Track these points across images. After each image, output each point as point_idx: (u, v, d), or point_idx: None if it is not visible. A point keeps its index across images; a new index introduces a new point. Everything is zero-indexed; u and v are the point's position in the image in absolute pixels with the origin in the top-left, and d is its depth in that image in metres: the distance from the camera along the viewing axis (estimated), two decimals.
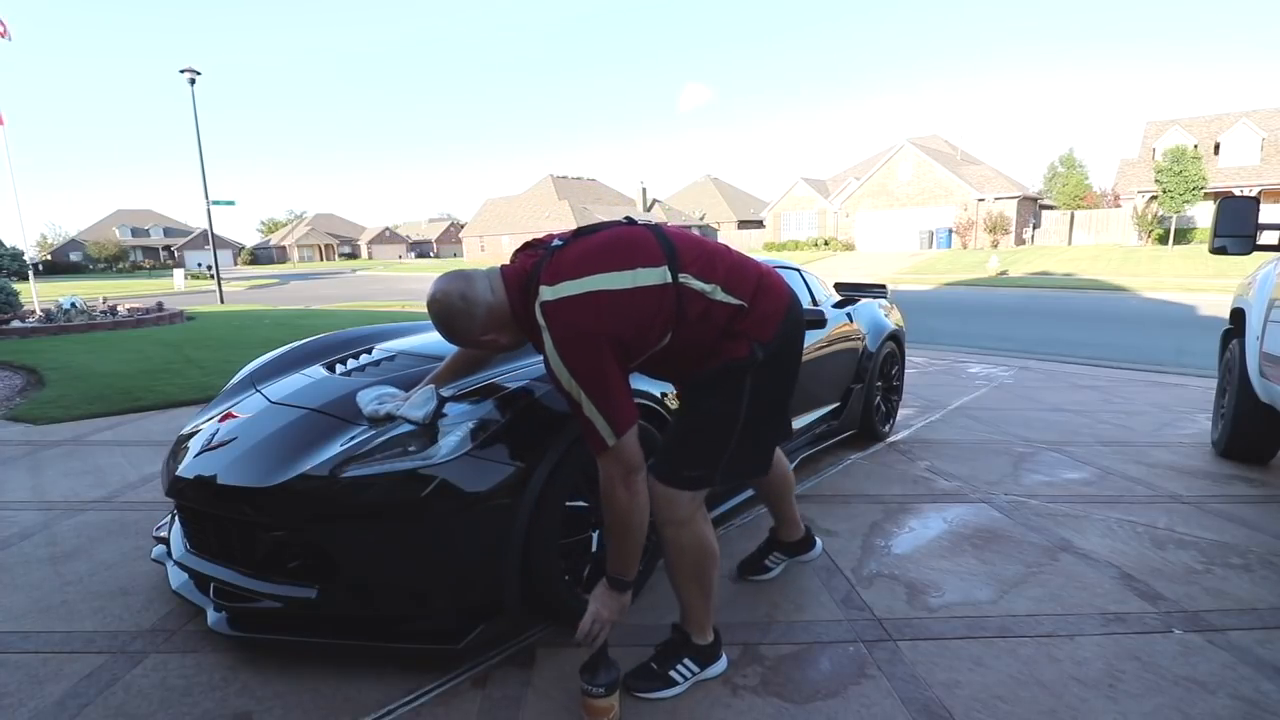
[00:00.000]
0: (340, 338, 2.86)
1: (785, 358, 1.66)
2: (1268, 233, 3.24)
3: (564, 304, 1.41)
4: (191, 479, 1.88)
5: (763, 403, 1.62)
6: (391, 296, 18.92)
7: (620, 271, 1.45)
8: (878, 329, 3.86)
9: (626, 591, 1.59)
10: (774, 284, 1.64)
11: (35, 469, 3.46)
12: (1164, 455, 3.71)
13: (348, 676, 1.72)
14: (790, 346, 1.67)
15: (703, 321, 1.53)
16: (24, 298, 11.32)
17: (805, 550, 2.25)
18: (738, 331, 1.56)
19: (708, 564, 1.66)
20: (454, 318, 1.52)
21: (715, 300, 1.53)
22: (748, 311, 1.56)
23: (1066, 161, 39.45)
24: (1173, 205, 24.67)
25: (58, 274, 48.93)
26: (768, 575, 2.25)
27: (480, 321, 1.52)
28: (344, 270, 45.58)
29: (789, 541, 2.23)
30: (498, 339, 1.56)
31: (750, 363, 1.56)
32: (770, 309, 1.60)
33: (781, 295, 1.64)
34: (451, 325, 1.53)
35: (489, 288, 1.52)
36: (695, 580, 1.66)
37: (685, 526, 1.62)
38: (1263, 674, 1.75)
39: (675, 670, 1.68)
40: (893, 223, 33.84)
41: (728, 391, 1.59)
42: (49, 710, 1.61)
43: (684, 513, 1.61)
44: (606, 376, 1.41)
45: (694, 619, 1.71)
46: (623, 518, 1.50)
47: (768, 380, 1.61)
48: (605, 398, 1.41)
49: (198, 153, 16.42)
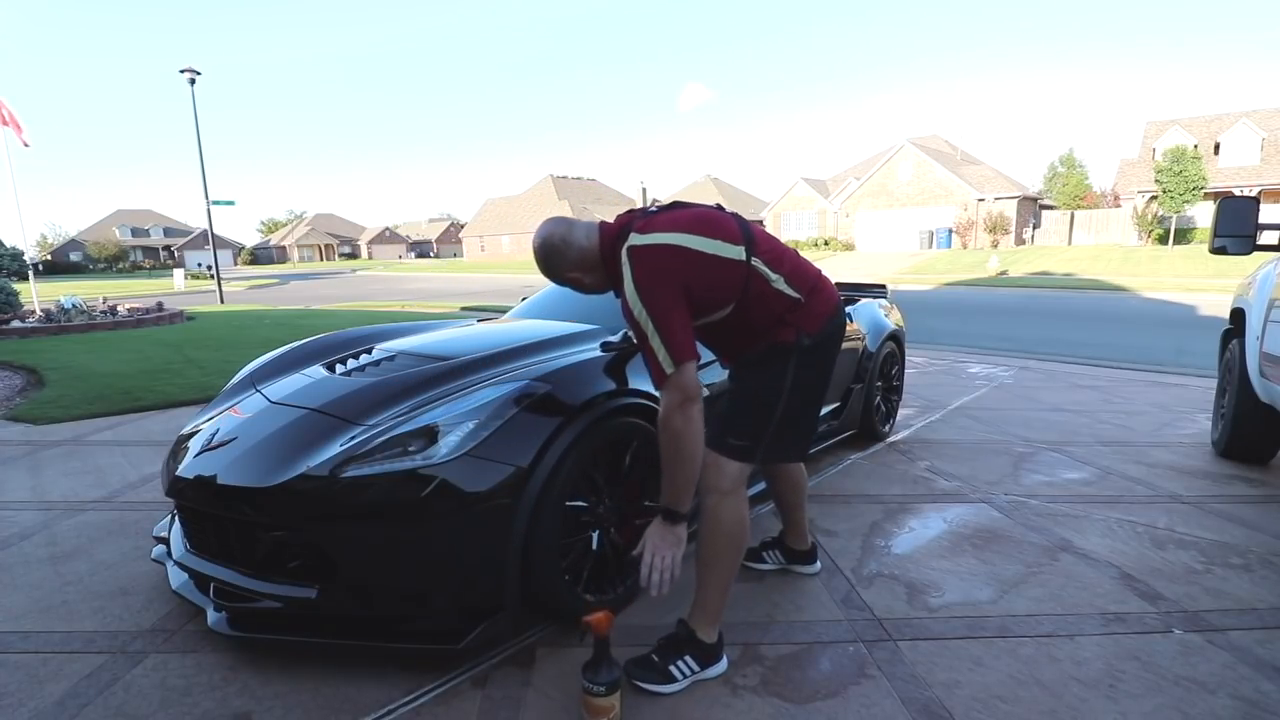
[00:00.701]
0: (340, 338, 2.85)
1: (826, 353, 1.82)
2: (1268, 233, 3.24)
3: (650, 249, 1.61)
4: (191, 479, 1.88)
5: (802, 389, 1.76)
6: (392, 296, 18.92)
7: (705, 238, 1.65)
8: (878, 329, 3.85)
9: (681, 523, 1.64)
10: (826, 287, 1.85)
11: (35, 469, 3.46)
12: (1164, 455, 3.71)
13: (348, 676, 1.72)
14: (831, 344, 1.84)
15: (761, 304, 1.71)
16: (24, 298, 11.32)
17: (804, 562, 2.31)
18: (789, 321, 1.74)
19: (737, 546, 1.74)
20: (551, 254, 1.73)
21: (777, 289, 1.72)
22: (802, 305, 1.75)
23: (1066, 161, 39.45)
24: (1173, 205, 24.68)
25: (58, 274, 48.95)
26: (761, 566, 2.32)
27: (571, 260, 1.73)
28: (344, 270, 45.58)
29: (792, 549, 2.30)
30: (582, 278, 1.76)
31: (795, 348, 1.73)
32: (821, 308, 1.79)
33: (831, 298, 1.84)
34: (548, 259, 1.74)
35: (585, 234, 1.74)
36: (720, 561, 1.73)
37: (728, 497, 1.72)
38: (1263, 674, 1.75)
39: (675, 666, 1.70)
40: (893, 223, 33.85)
41: (774, 370, 1.74)
42: (49, 710, 1.61)
43: (729, 484, 1.72)
44: (672, 312, 1.57)
45: (704, 611, 1.74)
46: (677, 443, 1.57)
47: (809, 369, 1.77)
48: (669, 330, 1.56)
49: (198, 153, 16.43)
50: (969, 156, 38.55)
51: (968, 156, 38.40)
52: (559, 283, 1.81)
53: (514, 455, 1.74)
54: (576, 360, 2.12)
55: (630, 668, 1.69)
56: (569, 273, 1.75)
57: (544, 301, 3.42)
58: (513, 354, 2.31)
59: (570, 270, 1.75)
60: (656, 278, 1.58)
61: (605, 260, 1.72)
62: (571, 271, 1.75)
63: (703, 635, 1.74)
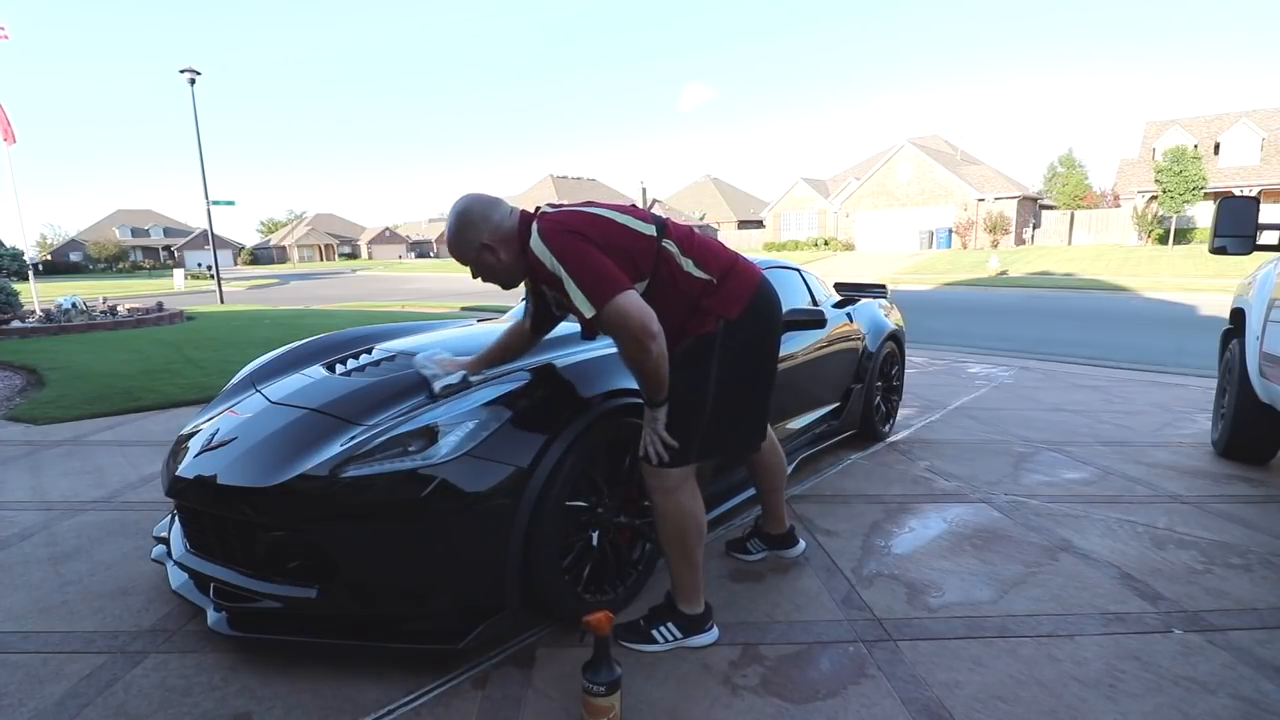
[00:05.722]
0: (340, 338, 2.85)
1: (755, 336, 1.81)
2: (1268, 233, 3.24)
3: (561, 213, 1.67)
4: (191, 479, 1.88)
5: (730, 385, 1.77)
6: (392, 296, 18.92)
7: (616, 212, 1.71)
8: (878, 329, 3.86)
9: (658, 409, 1.71)
10: (745, 269, 1.83)
11: (35, 469, 3.46)
12: (1164, 455, 3.70)
13: (348, 676, 1.72)
14: (761, 326, 1.82)
15: (674, 287, 1.72)
16: (24, 298, 11.31)
17: (785, 546, 2.36)
18: (705, 308, 1.74)
19: (690, 534, 1.80)
20: (470, 221, 1.69)
21: (687, 271, 1.74)
22: (716, 288, 1.75)
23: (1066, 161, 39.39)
24: (1173, 205, 24.68)
25: (58, 274, 48.95)
26: (748, 557, 2.38)
27: (488, 229, 1.69)
28: (344, 270, 45.56)
29: (770, 534, 2.36)
30: (496, 252, 1.70)
31: (717, 339, 1.73)
32: (738, 290, 1.78)
33: (751, 279, 1.81)
34: (465, 228, 1.69)
35: (507, 212, 1.72)
36: (677, 546, 1.81)
37: (670, 495, 1.78)
38: (1263, 674, 1.75)
39: (658, 630, 1.83)
40: (893, 223, 33.85)
41: (698, 368, 1.75)
42: (49, 710, 1.61)
43: (670, 483, 1.77)
44: (586, 255, 1.58)
45: (680, 586, 1.85)
46: (638, 370, 1.64)
47: (735, 362, 1.77)
48: (582, 269, 1.56)
49: (198, 153, 16.43)
50: (969, 156, 38.55)
51: (968, 156, 38.40)
52: (468, 260, 1.74)
53: (514, 455, 1.74)
54: (577, 360, 2.12)
55: (618, 629, 1.82)
56: (484, 240, 1.68)
57: None
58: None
59: (486, 238, 1.68)
60: (566, 231, 1.60)
61: (520, 241, 1.68)
62: (487, 240, 1.68)
63: (684, 607, 1.85)
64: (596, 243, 1.60)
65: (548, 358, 2.23)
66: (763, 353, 1.85)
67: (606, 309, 1.55)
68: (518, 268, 1.73)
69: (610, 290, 1.55)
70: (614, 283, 1.56)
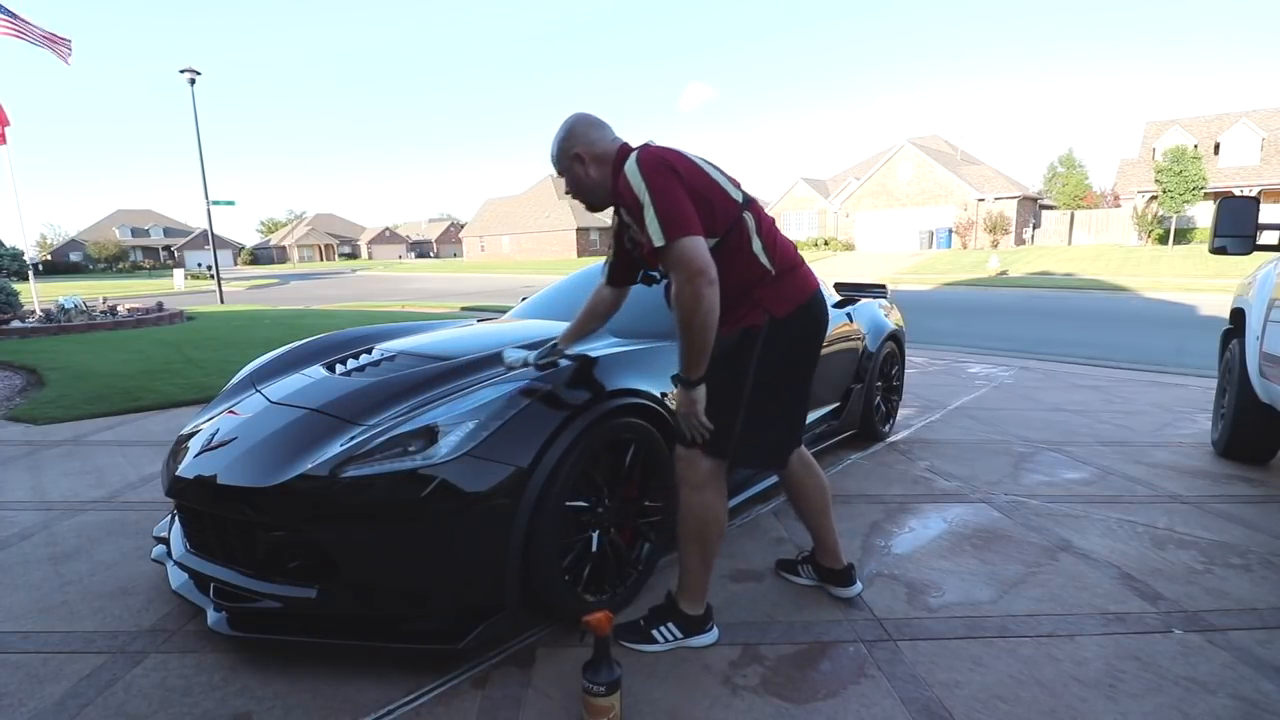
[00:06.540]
0: (340, 338, 2.85)
1: (796, 342, 1.81)
2: (1268, 233, 3.24)
3: (661, 149, 1.72)
4: (192, 479, 1.88)
5: (767, 384, 1.77)
6: (392, 296, 18.92)
7: (712, 167, 1.76)
8: (878, 329, 3.85)
9: (693, 389, 1.70)
10: (804, 276, 1.85)
11: (35, 469, 3.46)
12: (1164, 455, 3.70)
13: (348, 676, 1.72)
14: (804, 337, 1.83)
15: (737, 259, 1.72)
16: (24, 298, 11.32)
17: (838, 583, 2.11)
18: (756, 298, 1.75)
19: (710, 533, 1.82)
20: (568, 134, 1.78)
21: (754, 251, 1.75)
22: (772, 280, 1.77)
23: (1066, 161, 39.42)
24: (1173, 205, 24.69)
25: (58, 274, 48.98)
26: (797, 580, 2.23)
27: (581, 144, 1.77)
28: (344, 270, 45.57)
29: (822, 565, 2.14)
30: (585, 168, 1.78)
31: (761, 334, 1.74)
32: (791, 292, 1.79)
33: (806, 286, 1.83)
34: (563, 138, 1.78)
35: (609, 138, 1.80)
36: (695, 543, 1.82)
37: (698, 491, 1.79)
38: (1263, 674, 1.75)
39: (658, 630, 1.84)
40: (893, 223, 33.85)
41: (737, 365, 1.76)
42: (49, 710, 1.61)
43: (700, 478, 1.78)
44: (672, 189, 1.62)
45: (687, 584, 1.86)
46: (685, 317, 1.61)
47: (773, 365, 1.77)
48: (664, 200, 1.60)
49: (198, 153, 16.44)
50: (969, 156, 38.55)
51: (968, 156, 38.40)
52: (562, 170, 1.81)
53: (514, 455, 1.74)
54: (576, 360, 2.12)
55: (618, 629, 1.83)
56: (577, 151, 1.76)
57: (544, 301, 3.42)
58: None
59: (579, 150, 1.76)
60: (661, 162, 1.65)
61: (615, 167, 1.74)
62: (580, 152, 1.76)
63: (685, 607, 1.86)
64: (686, 184, 1.65)
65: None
66: (800, 364, 1.84)
67: (675, 244, 1.59)
68: (603, 189, 1.79)
69: (684, 228, 1.59)
70: (690, 223, 1.60)
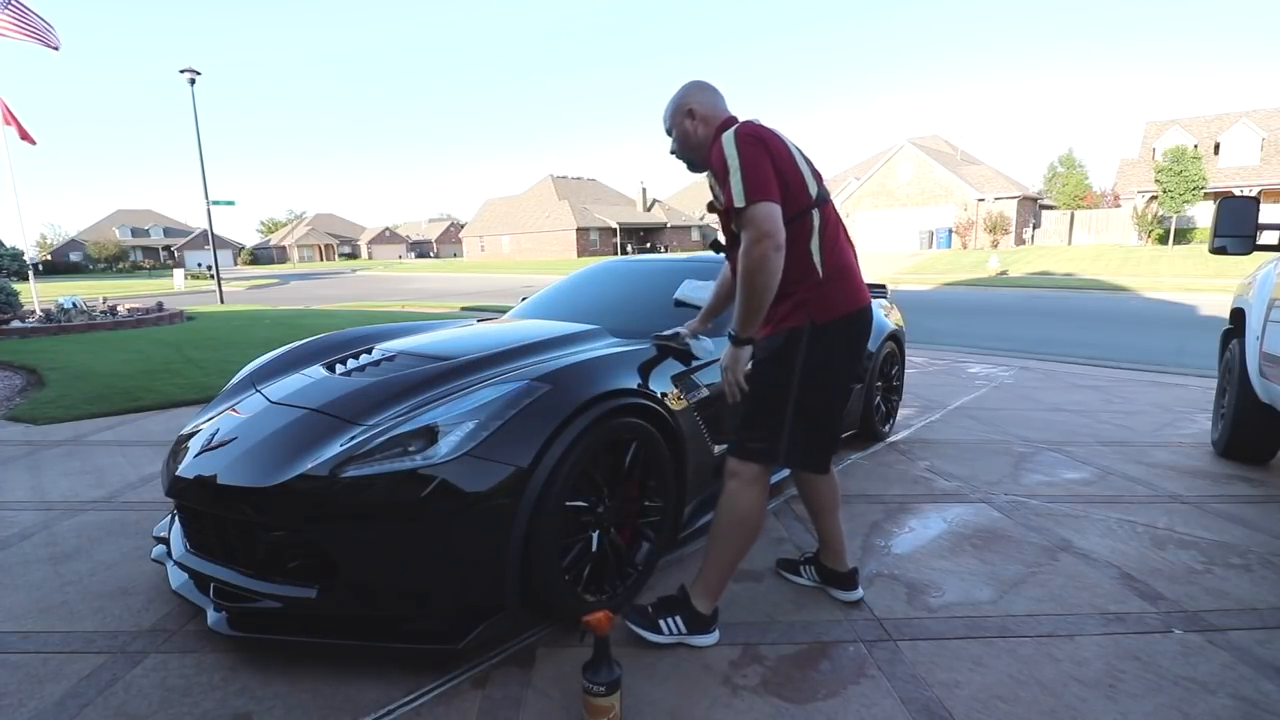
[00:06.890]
0: (340, 338, 2.85)
1: (838, 351, 1.84)
2: (1268, 233, 3.24)
3: (758, 126, 1.80)
4: (192, 479, 1.88)
5: (813, 386, 1.80)
6: (392, 296, 18.92)
7: (800, 156, 1.83)
8: (878, 329, 3.85)
9: (743, 347, 1.80)
10: (856, 288, 1.87)
11: (35, 469, 3.46)
12: (1164, 455, 3.70)
13: (348, 676, 1.72)
14: (843, 346, 1.85)
15: (793, 249, 1.75)
16: (24, 298, 11.32)
17: (840, 586, 2.12)
18: (803, 299, 1.79)
19: (746, 530, 1.84)
20: (688, 90, 1.92)
21: (810, 248, 1.79)
22: (818, 283, 1.79)
23: (1066, 161, 39.44)
24: (1173, 205, 24.69)
25: (58, 274, 49.01)
26: (796, 579, 2.23)
27: (698, 102, 1.90)
28: (344, 270, 45.56)
29: (828, 567, 2.14)
30: (695, 123, 1.90)
31: (802, 338, 1.78)
32: (838, 299, 1.82)
33: (855, 298, 1.85)
34: (684, 92, 1.92)
35: (722, 106, 1.93)
36: (728, 539, 1.85)
37: (747, 486, 1.82)
38: (1263, 674, 1.75)
39: (665, 621, 1.86)
40: (893, 223, 33.84)
41: (781, 364, 1.80)
42: (49, 710, 1.61)
43: (750, 474, 1.82)
44: (761, 161, 1.71)
45: (707, 580, 1.88)
46: (749, 278, 1.69)
47: (817, 365, 1.80)
48: (751, 167, 1.69)
49: (198, 153, 16.43)
50: (969, 156, 38.55)
51: (968, 156, 38.40)
52: (674, 123, 1.93)
53: (514, 455, 1.74)
54: (576, 360, 2.12)
55: (627, 610, 1.88)
56: (692, 106, 1.89)
57: (544, 301, 3.42)
58: (513, 354, 2.31)
59: (695, 105, 1.89)
60: (755, 136, 1.74)
61: (717, 132, 1.84)
62: (694, 107, 1.89)
63: (697, 603, 1.86)
64: (774, 161, 1.73)
65: (548, 358, 2.24)
66: (842, 372, 1.87)
67: (755, 206, 1.67)
68: (702, 152, 1.89)
69: (766, 194, 1.67)
70: (772, 191, 1.69)
